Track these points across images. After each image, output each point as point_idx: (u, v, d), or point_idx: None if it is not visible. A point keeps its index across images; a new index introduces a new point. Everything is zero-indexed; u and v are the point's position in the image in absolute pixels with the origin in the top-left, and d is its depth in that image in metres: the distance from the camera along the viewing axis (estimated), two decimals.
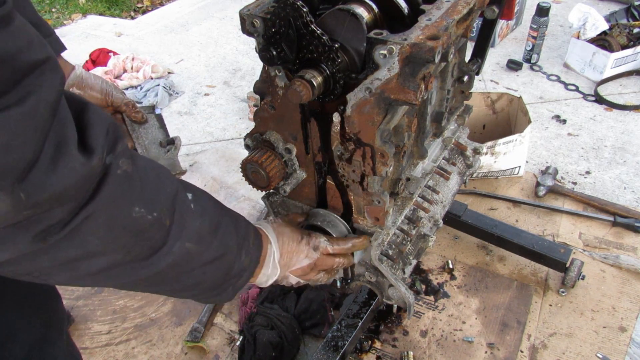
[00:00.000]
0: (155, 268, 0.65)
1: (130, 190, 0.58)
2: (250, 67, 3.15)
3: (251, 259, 0.83)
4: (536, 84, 2.77)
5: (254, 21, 0.83)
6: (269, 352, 1.46)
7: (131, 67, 2.99)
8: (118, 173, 0.56)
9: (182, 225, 0.66)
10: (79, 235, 0.55)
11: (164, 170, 0.67)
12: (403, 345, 1.54)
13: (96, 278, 0.62)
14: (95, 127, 0.54)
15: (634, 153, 2.23)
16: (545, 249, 1.62)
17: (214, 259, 0.73)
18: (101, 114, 0.56)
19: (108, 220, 0.57)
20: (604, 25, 2.68)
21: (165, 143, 1.16)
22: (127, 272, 0.63)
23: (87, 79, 1.08)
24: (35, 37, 0.48)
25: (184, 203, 0.67)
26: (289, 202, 1.14)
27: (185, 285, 0.73)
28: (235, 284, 0.81)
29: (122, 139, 0.58)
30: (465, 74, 1.16)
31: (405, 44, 0.75)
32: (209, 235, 0.71)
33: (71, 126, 0.51)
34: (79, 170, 0.51)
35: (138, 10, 4.16)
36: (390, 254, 1.14)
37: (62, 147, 0.50)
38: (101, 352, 1.58)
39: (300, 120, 0.95)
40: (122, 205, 0.58)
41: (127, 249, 0.61)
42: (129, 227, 0.59)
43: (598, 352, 1.48)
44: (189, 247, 0.67)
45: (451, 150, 1.35)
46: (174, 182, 0.67)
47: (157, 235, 0.63)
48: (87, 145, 0.53)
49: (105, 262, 0.60)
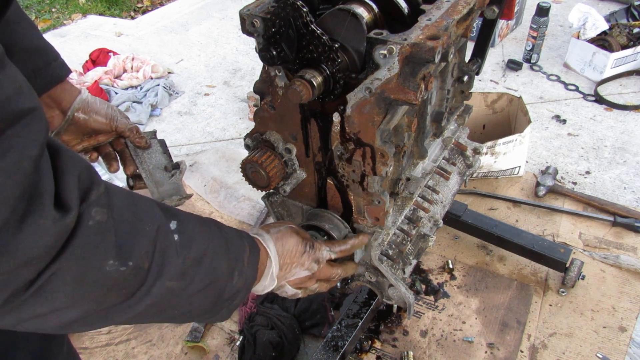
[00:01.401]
0: (133, 311, 0.60)
1: (102, 242, 0.53)
2: (250, 67, 3.15)
3: (246, 278, 0.79)
4: (536, 84, 2.77)
5: (254, 21, 0.83)
6: (269, 352, 1.46)
7: (131, 67, 2.98)
8: (90, 224, 0.51)
9: (162, 264, 0.61)
10: (44, 293, 0.50)
11: (144, 206, 0.62)
12: (403, 345, 1.54)
13: (67, 328, 0.58)
14: (67, 175, 0.50)
15: (634, 153, 2.23)
16: (545, 249, 1.62)
17: (200, 289, 0.68)
18: (74, 159, 0.52)
19: (76, 277, 0.52)
20: (604, 25, 2.68)
21: (170, 167, 1.16)
22: (102, 319, 0.59)
23: (93, 103, 1.08)
24: (24, 85, 0.46)
25: (165, 239, 0.63)
26: (289, 202, 1.14)
27: (171, 316, 0.70)
28: (229, 306, 0.77)
29: (98, 185, 0.54)
30: (465, 74, 1.16)
31: (405, 44, 0.75)
32: (193, 267, 0.66)
33: (49, 179, 0.48)
34: (51, 229, 0.47)
35: (138, 10, 4.16)
36: (390, 254, 1.14)
37: (36, 203, 0.46)
38: (101, 352, 1.58)
39: (300, 120, 0.95)
40: (92, 260, 0.53)
41: (98, 301, 0.56)
42: (100, 282, 0.54)
43: (598, 352, 1.48)
44: (169, 286, 0.63)
45: (451, 150, 1.35)
46: (154, 218, 0.62)
47: (133, 282, 0.58)
48: (62, 199, 0.49)
49: (75, 314, 0.56)
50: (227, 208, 2.09)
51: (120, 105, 2.71)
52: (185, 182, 2.21)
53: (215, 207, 2.09)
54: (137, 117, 2.65)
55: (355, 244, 1.02)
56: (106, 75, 2.88)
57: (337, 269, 1.00)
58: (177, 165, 1.15)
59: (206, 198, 2.13)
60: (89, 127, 1.07)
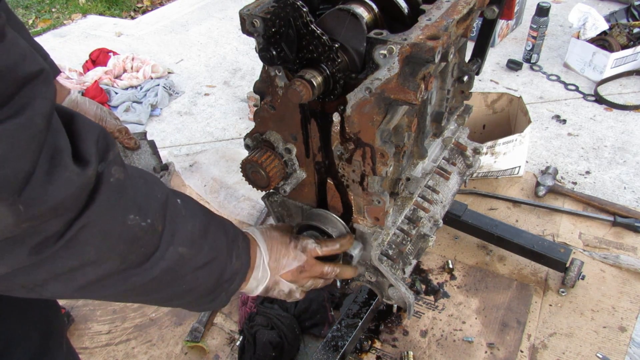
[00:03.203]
0: (150, 274, 0.65)
1: (123, 198, 0.58)
2: (250, 67, 3.15)
3: (242, 262, 0.83)
4: (536, 84, 2.77)
5: (254, 21, 0.83)
6: (269, 352, 1.46)
7: (131, 67, 2.99)
8: (111, 181, 0.56)
9: (173, 230, 0.66)
10: (75, 245, 0.55)
11: (152, 177, 0.67)
12: (403, 345, 1.54)
13: (90, 288, 0.62)
14: (85, 136, 0.54)
15: (634, 153, 2.23)
16: (545, 249, 1.62)
17: (205, 262, 0.73)
18: (90, 123, 0.56)
19: (103, 229, 0.56)
20: (604, 25, 2.68)
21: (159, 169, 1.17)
22: (121, 281, 0.63)
23: (82, 103, 1.10)
24: (28, 50, 0.48)
25: (175, 208, 0.68)
26: (289, 202, 1.14)
27: (178, 292, 0.73)
28: (228, 289, 0.81)
29: (113, 146, 0.58)
30: (465, 74, 1.16)
31: (405, 44, 0.75)
32: (200, 238, 0.71)
33: (64, 137, 0.52)
34: (75, 180, 0.51)
35: (138, 10, 4.16)
36: (390, 254, 1.14)
37: (57, 159, 0.50)
38: (101, 352, 1.58)
39: (300, 120, 0.95)
40: (116, 214, 0.57)
41: (122, 256, 0.60)
42: (124, 235, 0.59)
43: (598, 352, 1.48)
44: (181, 252, 0.67)
45: (451, 150, 1.35)
46: (163, 188, 0.67)
47: (150, 241, 0.63)
48: (80, 155, 0.53)
49: (100, 271, 0.59)
50: (227, 208, 2.09)
51: (120, 105, 2.71)
52: (185, 182, 2.21)
53: (215, 207, 2.09)
54: (137, 117, 2.64)
55: (344, 244, 1.03)
56: (106, 75, 2.88)
57: (329, 265, 1.01)
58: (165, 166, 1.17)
59: (206, 198, 2.13)
60: None
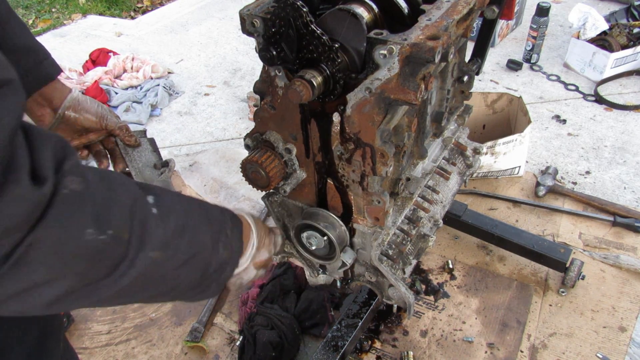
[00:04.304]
0: (118, 285, 0.59)
1: (78, 211, 0.53)
2: (250, 67, 3.15)
3: (232, 250, 0.79)
4: (536, 84, 2.77)
5: (254, 21, 0.83)
6: (269, 352, 1.46)
7: (131, 67, 2.98)
8: (64, 193, 0.51)
9: (142, 234, 0.61)
10: (23, 266, 0.50)
11: (119, 179, 0.61)
12: (403, 345, 1.54)
13: (53, 307, 0.57)
14: (42, 149, 0.50)
15: (634, 153, 2.23)
16: (545, 249, 1.62)
17: (185, 261, 0.68)
18: (45, 133, 0.52)
19: (55, 247, 0.51)
20: (604, 25, 2.68)
21: (159, 165, 1.18)
22: (87, 294, 0.58)
23: (84, 102, 1.09)
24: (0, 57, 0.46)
25: (143, 209, 0.62)
26: (289, 202, 1.14)
27: (159, 292, 0.69)
28: (218, 279, 0.77)
29: (71, 155, 0.53)
30: (465, 74, 1.16)
31: (405, 44, 0.75)
32: (176, 238, 0.66)
33: (23, 152, 0.47)
34: (28, 199, 0.47)
35: (138, 10, 4.16)
36: (390, 254, 1.14)
37: (12, 175, 0.45)
38: (101, 352, 1.58)
39: (300, 120, 0.95)
40: (70, 229, 0.52)
41: (82, 274, 0.55)
42: (82, 252, 0.53)
43: (598, 352, 1.48)
44: (153, 256, 0.62)
45: (451, 150, 1.35)
46: (130, 190, 0.61)
47: (115, 252, 0.57)
48: (37, 171, 0.49)
49: (58, 290, 0.55)
50: None
51: (120, 105, 2.71)
52: (185, 182, 2.21)
53: None
54: (137, 117, 2.64)
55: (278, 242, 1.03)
56: (106, 75, 2.88)
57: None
58: (166, 163, 1.18)
59: (206, 198, 2.13)
60: (79, 125, 1.09)
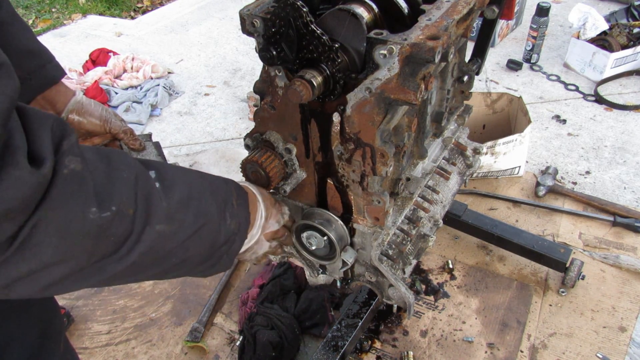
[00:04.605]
0: (126, 260, 0.60)
1: (80, 190, 0.53)
2: (250, 67, 3.15)
3: (240, 220, 0.79)
4: (536, 84, 2.77)
5: (254, 21, 0.83)
6: (269, 352, 1.46)
7: (131, 67, 2.98)
8: (65, 173, 0.51)
9: (147, 208, 0.61)
10: (30, 247, 0.50)
11: (119, 156, 0.61)
12: (403, 345, 1.54)
13: (63, 285, 0.57)
14: (39, 130, 0.50)
15: (634, 153, 2.23)
16: (545, 249, 1.62)
17: (192, 233, 0.68)
18: (42, 114, 0.52)
19: (60, 227, 0.51)
20: (604, 25, 2.68)
21: None
22: (96, 272, 0.58)
23: (87, 105, 1.09)
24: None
25: (146, 184, 0.62)
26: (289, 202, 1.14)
27: (170, 267, 0.68)
28: (229, 251, 0.77)
29: (69, 135, 0.53)
30: (465, 74, 1.16)
31: (405, 44, 0.75)
32: (181, 210, 0.66)
33: (20, 134, 0.47)
34: (28, 180, 0.46)
35: (138, 10, 4.16)
36: (390, 254, 1.14)
37: (10, 157, 0.45)
38: (101, 352, 1.58)
39: (300, 120, 0.95)
40: (73, 209, 0.52)
41: (89, 252, 0.56)
42: (86, 231, 0.53)
43: (598, 352, 1.48)
44: (159, 229, 0.62)
45: (451, 150, 1.35)
46: (131, 166, 0.61)
47: (120, 228, 0.57)
48: (36, 153, 0.49)
49: (68, 269, 0.55)
50: None
51: (120, 105, 2.71)
52: None
53: None
54: (137, 117, 2.64)
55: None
56: (106, 75, 2.88)
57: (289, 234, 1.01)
58: None
59: None
60: (83, 129, 1.08)
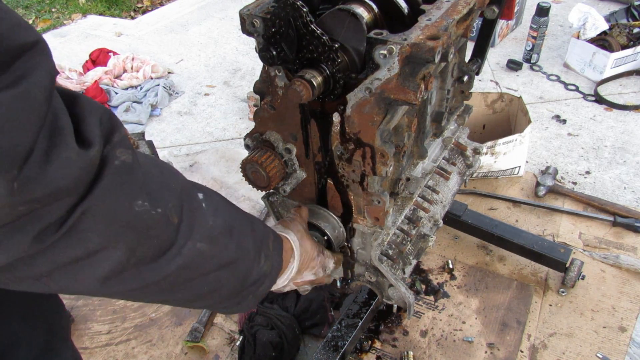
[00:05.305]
0: (164, 271, 0.60)
1: (130, 181, 0.54)
2: (250, 67, 3.15)
3: (273, 264, 0.78)
4: (536, 84, 2.77)
5: (254, 21, 0.83)
6: (269, 352, 1.46)
7: (131, 67, 2.98)
8: (116, 164, 0.52)
9: (192, 223, 0.61)
10: (77, 232, 0.51)
11: (170, 169, 0.62)
12: (403, 345, 1.54)
13: (103, 284, 0.58)
14: (89, 117, 0.51)
15: (634, 153, 2.23)
16: (545, 249, 1.62)
17: (229, 262, 0.68)
18: (94, 103, 0.53)
19: (107, 215, 0.52)
20: (604, 25, 2.67)
21: None
22: (134, 276, 0.59)
23: None
24: (22, 20, 0.46)
25: (193, 200, 0.63)
26: (289, 202, 1.14)
27: (200, 293, 0.68)
28: (256, 292, 0.76)
29: (120, 128, 0.55)
30: (465, 74, 1.16)
31: (405, 44, 0.75)
32: (223, 236, 0.66)
33: (65, 116, 0.48)
34: (76, 161, 0.48)
35: (138, 10, 4.16)
36: (390, 254, 1.14)
37: (58, 138, 0.46)
38: (101, 352, 1.58)
39: (300, 120, 0.95)
40: (121, 198, 0.53)
41: (131, 247, 0.56)
42: (132, 222, 0.55)
43: (598, 352, 1.48)
44: (200, 248, 0.62)
45: (451, 150, 1.35)
46: (180, 179, 0.62)
47: (164, 233, 0.58)
48: (83, 136, 0.50)
49: (109, 264, 0.55)
50: None
51: (120, 105, 2.71)
52: None
53: None
54: (137, 117, 2.64)
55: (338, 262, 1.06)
56: (106, 75, 2.88)
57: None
58: None
59: None
60: None
